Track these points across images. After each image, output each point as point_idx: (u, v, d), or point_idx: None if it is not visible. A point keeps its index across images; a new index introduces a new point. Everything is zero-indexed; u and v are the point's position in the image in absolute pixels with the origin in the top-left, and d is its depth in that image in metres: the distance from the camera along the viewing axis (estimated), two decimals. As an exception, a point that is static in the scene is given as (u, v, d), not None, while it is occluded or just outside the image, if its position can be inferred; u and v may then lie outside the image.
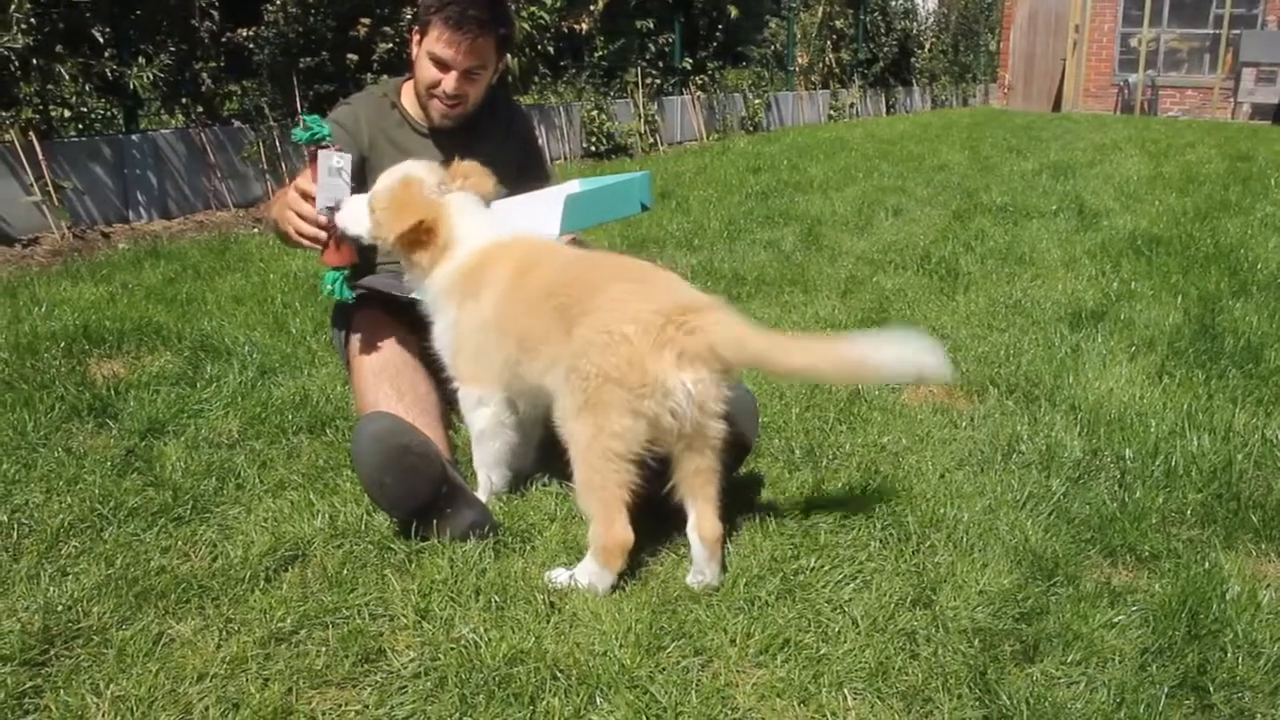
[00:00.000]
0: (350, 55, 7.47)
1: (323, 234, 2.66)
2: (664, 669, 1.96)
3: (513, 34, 3.14)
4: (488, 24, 2.94)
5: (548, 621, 2.09)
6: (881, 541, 2.46)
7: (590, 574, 2.23)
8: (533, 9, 8.97)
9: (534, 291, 2.41)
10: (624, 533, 2.21)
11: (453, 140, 3.15)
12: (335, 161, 2.61)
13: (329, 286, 2.77)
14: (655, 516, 2.44)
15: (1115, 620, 2.15)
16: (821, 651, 2.03)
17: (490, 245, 2.57)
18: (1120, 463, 2.88)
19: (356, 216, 2.63)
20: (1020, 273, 5.20)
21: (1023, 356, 3.80)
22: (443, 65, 2.98)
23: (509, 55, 3.83)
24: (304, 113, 7.24)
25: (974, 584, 2.26)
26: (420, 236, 2.55)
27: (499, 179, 3.25)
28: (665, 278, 2.38)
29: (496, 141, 3.28)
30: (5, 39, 5.52)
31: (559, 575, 2.25)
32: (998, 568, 2.33)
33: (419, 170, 2.64)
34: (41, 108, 6.03)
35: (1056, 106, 20.62)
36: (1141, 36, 19.29)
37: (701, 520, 2.26)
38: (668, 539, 2.40)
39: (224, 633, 2.06)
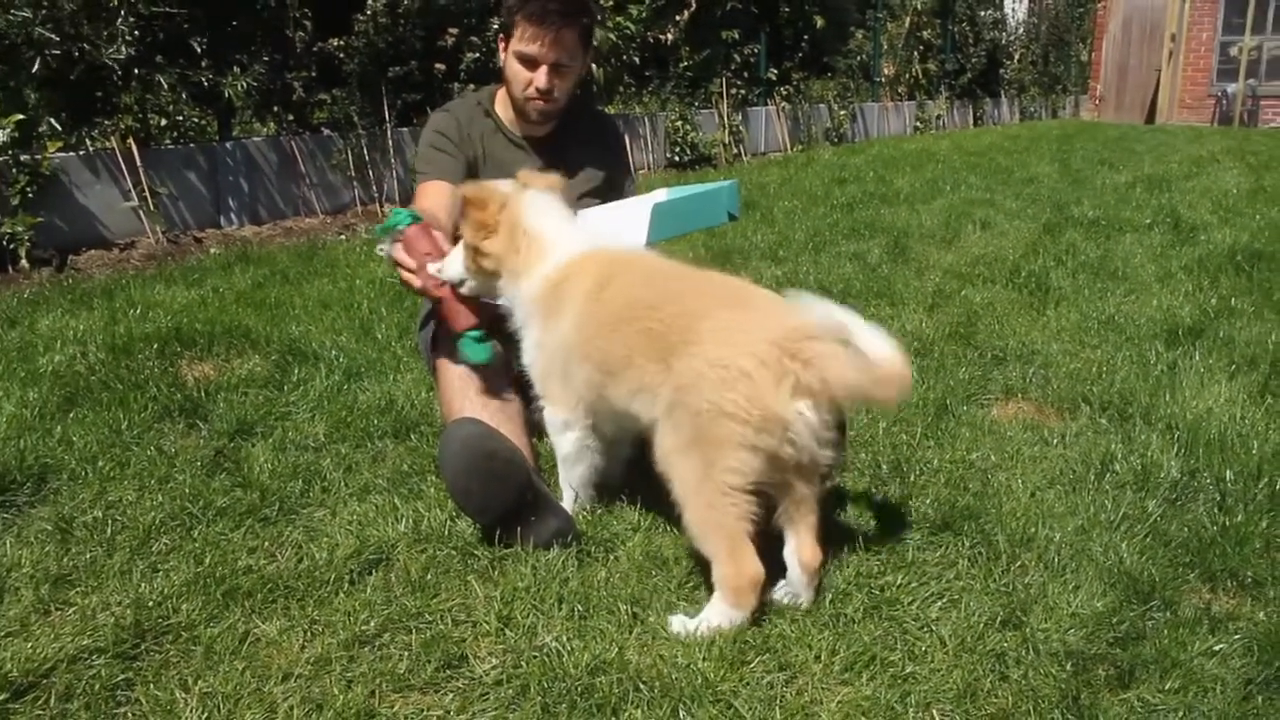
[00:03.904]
0: (438, 65, 7.58)
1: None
2: (748, 683, 1.93)
3: (594, 24, 3.15)
4: (570, 15, 2.96)
5: (630, 632, 2.07)
6: (970, 560, 2.40)
7: (723, 616, 2.11)
8: (619, 19, 9.02)
9: (612, 311, 2.33)
10: (754, 567, 2.10)
11: (545, 148, 3.18)
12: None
13: (464, 353, 2.65)
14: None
15: (1216, 648, 2.06)
16: (908, 670, 1.99)
17: (578, 258, 2.48)
18: (1220, 485, 2.78)
19: (452, 261, 2.60)
20: (1113, 288, 5.07)
21: (1116, 374, 3.70)
22: (531, 62, 3.01)
23: (594, 64, 3.85)
24: (392, 121, 7.35)
25: (1066, 606, 2.19)
26: (488, 220, 2.49)
27: (589, 188, 3.28)
28: (766, 300, 2.27)
29: (588, 150, 3.30)
30: (110, 51, 5.69)
31: (687, 623, 2.12)
32: (1091, 590, 2.25)
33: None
34: (140, 116, 6.21)
35: (1150, 118, 20.13)
36: (1243, 45, 18.75)
37: (802, 547, 2.20)
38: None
39: (309, 634, 2.08)
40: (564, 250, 2.50)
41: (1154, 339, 4.15)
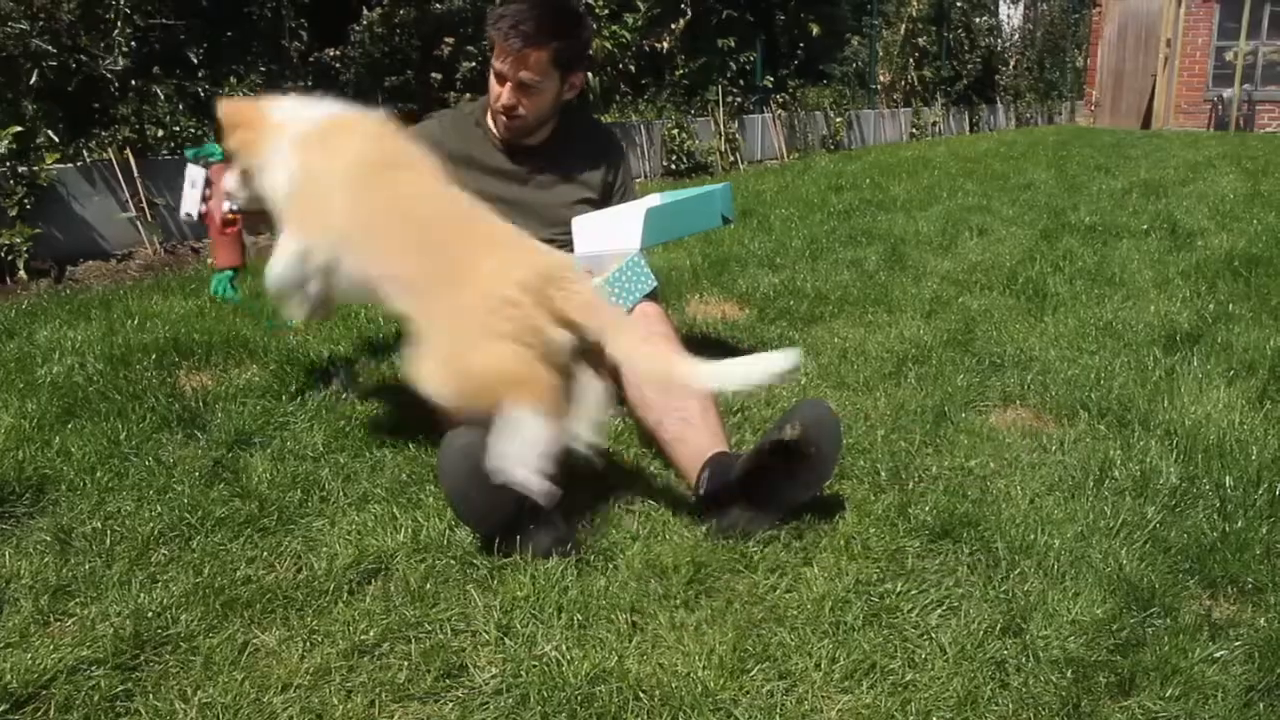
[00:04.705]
0: (434, 74, 7.59)
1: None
2: (748, 692, 1.93)
3: (574, 48, 3.16)
4: (533, 36, 3.00)
5: (630, 641, 2.07)
6: (969, 567, 2.40)
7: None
8: (614, 28, 9.04)
9: (392, 210, 2.51)
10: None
11: (538, 155, 3.22)
12: (193, 174, 3.00)
13: (215, 287, 3.15)
14: (735, 536, 2.43)
15: (1217, 655, 2.06)
16: (908, 678, 1.99)
17: (332, 121, 2.63)
18: (1220, 491, 2.78)
19: (229, 177, 2.82)
20: (1110, 294, 5.08)
21: (1114, 379, 3.70)
22: (500, 78, 3.09)
23: (590, 73, 3.88)
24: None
25: (1066, 613, 2.19)
26: (239, 127, 2.68)
27: (584, 196, 3.31)
28: (526, 241, 2.48)
29: (584, 159, 3.32)
30: (108, 62, 5.70)
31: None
32: (1091, 596, 2.25)
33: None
34: (138, 127, 6.21)
35: (1146, 124, 20.16)
36: (1238, 49, 18.78)
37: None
38: (745, 560, 2.37)
39: (308, 644, 2.07)
40: (308, 115, 2.66)
41: (1152, 345, 4.15)
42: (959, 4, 16.79)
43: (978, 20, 17.67)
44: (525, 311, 2.23)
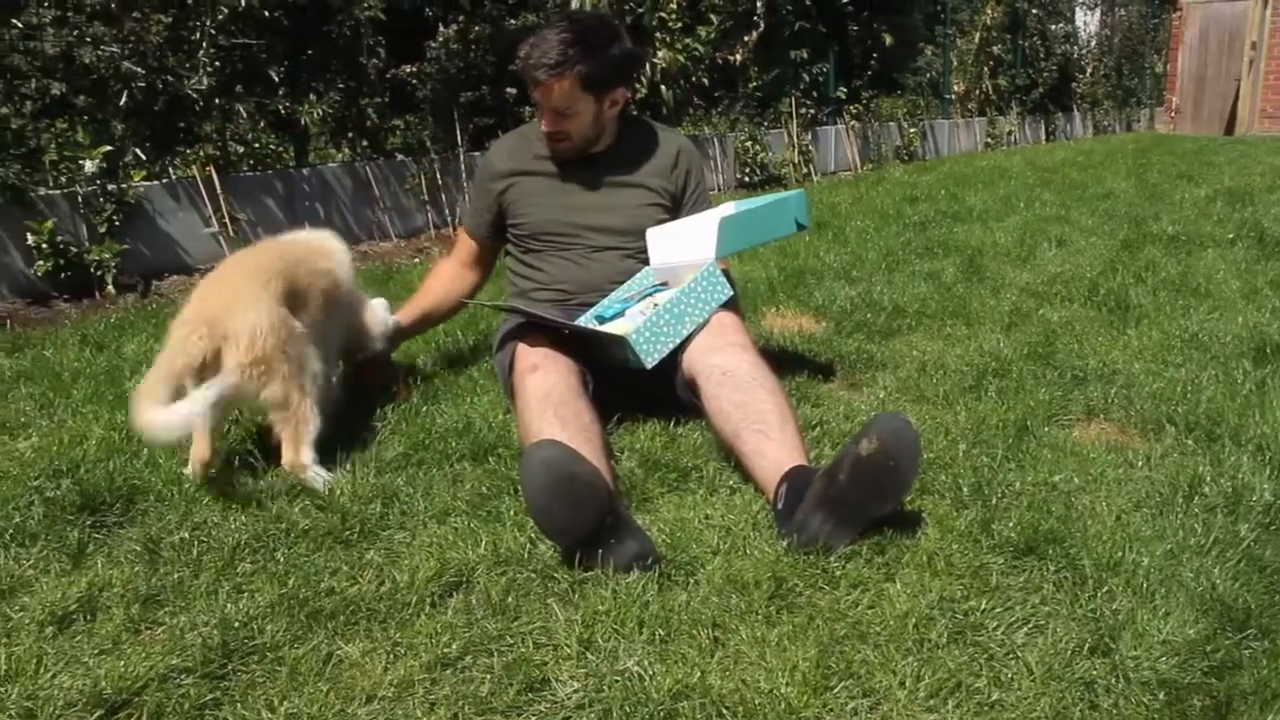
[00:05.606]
0: (509, 89, 7.66)
1: None
2: (831, 709, 1.90)
3: (602, 68, 3.18)
4: (553, 67, 3.11)
5: (712, 656, 2.06)
6: (1055, 585, 2.35)
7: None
8: (687, 41, 9.06)
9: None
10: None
11: (596, 166, 3.34)
12: None
13: None
14: (813, 550, 2.41)
15: (1319, 679, 2.00)
16: (995, 698, 1.95)
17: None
18: (1317, 508, 2.70)
19: None
20: (1196, 305, 4.96)
21: (1202, 393, 3.61)
22: (538, 105, 3.24)
23: (663, 86, 3.96)
24: (464, 145, 7.44)
25: (1157, 633, 2.14)
26: None
27: (648, 202, 3.35)
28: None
29: (648, 168, 3.38)
30: (193, 81, 5.85)
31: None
32: (1182, 616, 2.19)
33: None
34: (220, 144, 6.36)
35: (1229, 130, 19.65)
36: (1327, 52, 18.26)
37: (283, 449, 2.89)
38: (827, 575, 2.35)
39: (391, 656, 2.09)
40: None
41: (1241, 357, 4.04)
42: (1034, 12, 16.55)
43: (1053, 27, 17.39)
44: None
